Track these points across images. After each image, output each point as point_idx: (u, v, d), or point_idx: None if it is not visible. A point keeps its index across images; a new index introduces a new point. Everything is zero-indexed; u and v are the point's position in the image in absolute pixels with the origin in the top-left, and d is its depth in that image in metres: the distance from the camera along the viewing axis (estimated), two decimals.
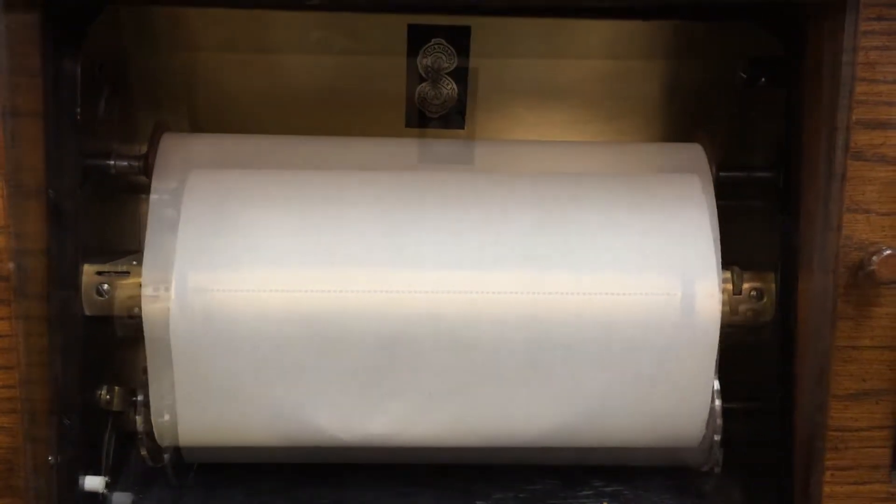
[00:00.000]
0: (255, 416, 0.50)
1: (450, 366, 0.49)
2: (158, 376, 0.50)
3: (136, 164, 0.54)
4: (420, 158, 0.55)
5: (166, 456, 0.53)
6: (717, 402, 0.51)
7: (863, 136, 0.43)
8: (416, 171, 0.53)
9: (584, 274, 0.49)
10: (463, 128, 0.60)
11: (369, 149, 0.55)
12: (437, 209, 0.50)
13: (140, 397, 0.51)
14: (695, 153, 0.54)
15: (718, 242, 0.50)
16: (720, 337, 0.49)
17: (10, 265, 0.44)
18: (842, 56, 0.43)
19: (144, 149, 0.55)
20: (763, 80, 0.52)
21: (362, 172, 0.52)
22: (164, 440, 0.52)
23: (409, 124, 0.60)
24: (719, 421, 0.51)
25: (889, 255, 0.43)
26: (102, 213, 0.55)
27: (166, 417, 0.50)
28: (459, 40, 0.57)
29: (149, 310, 0.49)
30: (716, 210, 0.51)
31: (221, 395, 0.49)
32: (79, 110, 0.49)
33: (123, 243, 0.58)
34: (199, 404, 0.50)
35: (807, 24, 0.48)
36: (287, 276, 0.49)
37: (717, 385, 0.51)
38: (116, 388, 0.53)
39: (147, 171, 0.53)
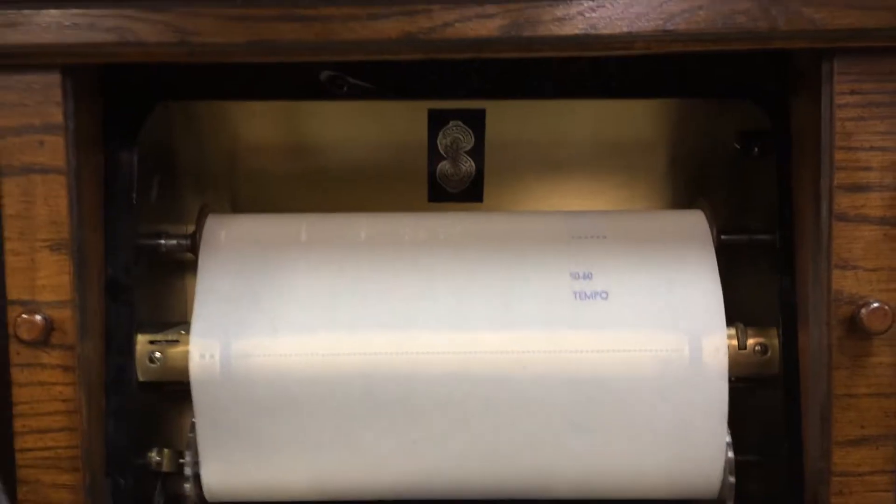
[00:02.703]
0: (288, 476, 0.54)
1: (475, 423, 0.52)
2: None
3: (184, 242, 0.59)
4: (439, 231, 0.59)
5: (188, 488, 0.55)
6: (731, 455, 0.53)
7: (845, 198, 0.47)
8: (437, 231, 0.56)
9: (594, 331, 0.52)
10: (482, 200, 0.65)
11: (395, 222, 0.59)
12: (459, 270, 0.54)
13: (188, 457, 0.55)
14: (697, 218, 0.58)
15: (722, 300, 0.53)
16: (730, 391, 0.52)
17: (76, 335, 0.48)
18: (820, 127, 0.47)
19: (191, 229, 0.60)
20: (756, 150, 0.56)
21: (386, 234, 0.56)
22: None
23: (431, 199, 0.65)
24: (732, 473, 0.53)
25: (877, 308, 0.46)
26: (152, 287, 0.60)
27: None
28: (475, 122, 0.63)
29: (196, 374, 0.53)
30: (717, 270, 0.54)
31: (251, 456, 0.53)
32: (135, 195, 0.54)
33: (171, 315, 0.63)
34: (227, 463, 0.53)
35: (789, 98, 0.53)
36: (319, 340, 0.53)
37: (728, 437, 0.53)
38: (166, 449, 0.57)
39: (194, 248, 0.59)
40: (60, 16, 0.45)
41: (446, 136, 0.63)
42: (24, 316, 0.47)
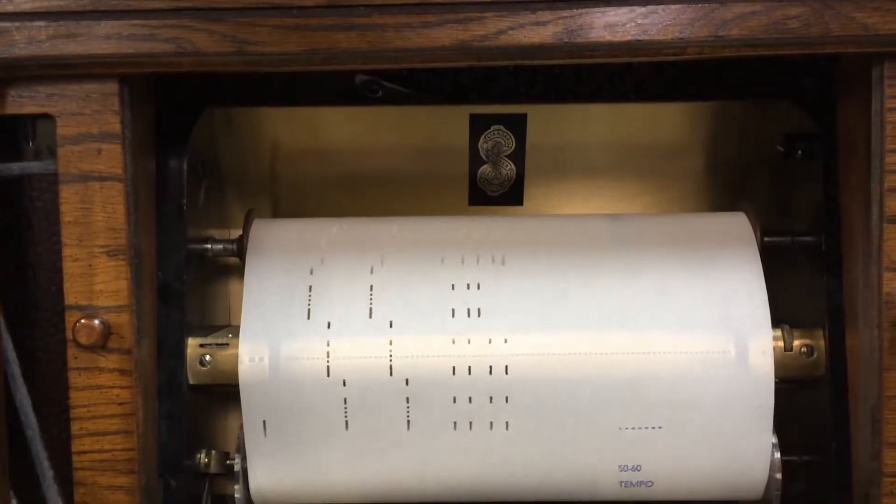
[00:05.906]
0: (336, 479, 0.55)
1: (517, 423, 0.53)
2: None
3: (230, 246, 0.60)
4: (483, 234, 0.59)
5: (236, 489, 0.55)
6: (777, 455, 0.54)
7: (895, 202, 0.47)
8: (481, 234, 0.57)
9: (642, 334, 0.53)
10: (522, 204, 0.65)
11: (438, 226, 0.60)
12: (507, 276, 0.55)
13: (237, 459, 0.56)
14: (740, 220, 0.58)
15: (767, 302, 0.54)
16: (776, 392, 0.52)
17: (133, 339, 0.49)
18: (870, 131, 0.48)
19: (235, 233, 0.61)
20: (799, 152, 0.56)
21: (430, 237, 0.57)
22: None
23: (472, 202, 0.65)
24: (778, 474, 0.54)
25: None
26: (199, 291, 0.60)
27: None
28: (517, 126, 0.63)
29: (245, 377, 0.54)
30: (762, 272, 0.55)
31: (298, 458, 0.54)
32: (185, 201, 0.55)
33: (216, 318, 0.63)
34: (274, 465, 0.54)
35: (836, 101, 0.53)
36: (366, 343, 0.53)
37: (774, 439, 0.54)
38: (213, 451, 0.58)
39: (240, 252, 0.59)
40: (119, 26, 0.46)
41: (487, 140, 0.63)
42: (83, 321, 0.48)
